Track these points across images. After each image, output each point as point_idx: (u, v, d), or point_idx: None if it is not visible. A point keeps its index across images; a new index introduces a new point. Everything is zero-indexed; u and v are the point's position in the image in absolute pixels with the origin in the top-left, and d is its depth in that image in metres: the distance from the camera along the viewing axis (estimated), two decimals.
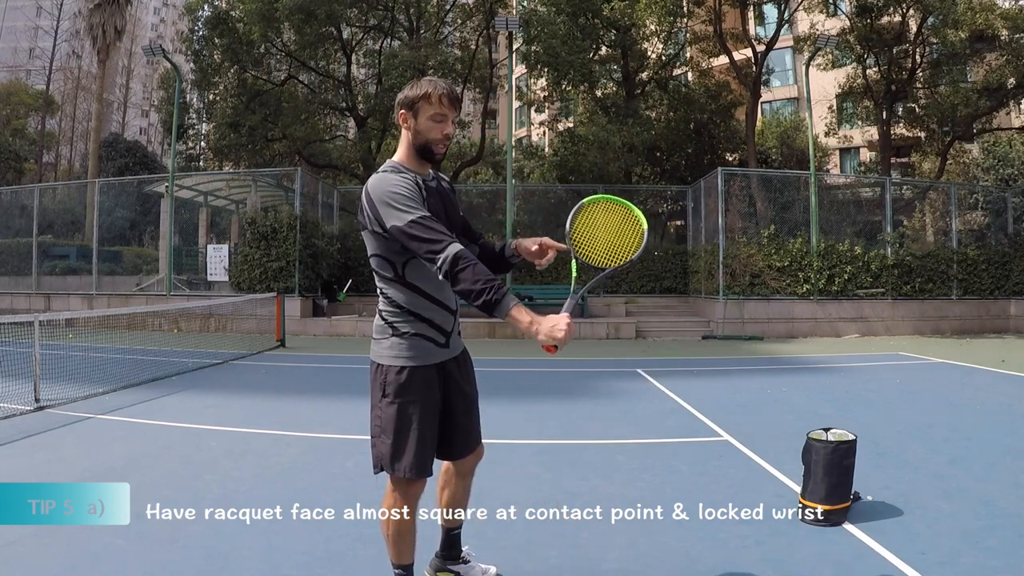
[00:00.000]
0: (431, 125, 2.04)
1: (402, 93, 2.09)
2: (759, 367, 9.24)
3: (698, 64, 21.95)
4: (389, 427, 2.06)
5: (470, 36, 21.52)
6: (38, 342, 5.93)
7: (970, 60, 19.10)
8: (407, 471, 2.03)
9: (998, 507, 3.29)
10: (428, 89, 2.03)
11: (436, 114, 2.03)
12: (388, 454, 2.06)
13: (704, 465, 4.12)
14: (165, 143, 36.99)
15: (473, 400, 2.26)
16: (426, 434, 2.06)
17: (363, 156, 20.69)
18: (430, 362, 2.09)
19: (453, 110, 2.06)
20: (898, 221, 16.25)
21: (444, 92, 2.03)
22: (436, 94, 2.02)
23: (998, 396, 6.75)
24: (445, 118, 2.04)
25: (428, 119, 2.03)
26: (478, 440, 2.30)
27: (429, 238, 1.87)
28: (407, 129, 2.07)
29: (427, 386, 2.08)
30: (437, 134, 2.04)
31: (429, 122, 2.03)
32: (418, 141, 2.06)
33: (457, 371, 2.20)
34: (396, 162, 2.09)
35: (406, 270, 2.05)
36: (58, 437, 4.76)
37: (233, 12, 19.82)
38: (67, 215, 20.54)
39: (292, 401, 6.45)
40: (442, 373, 2.14)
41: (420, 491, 2.13)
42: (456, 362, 2.20)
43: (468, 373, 2.26)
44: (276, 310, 11.60)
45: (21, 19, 47.81)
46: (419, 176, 2.06)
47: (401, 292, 2.07)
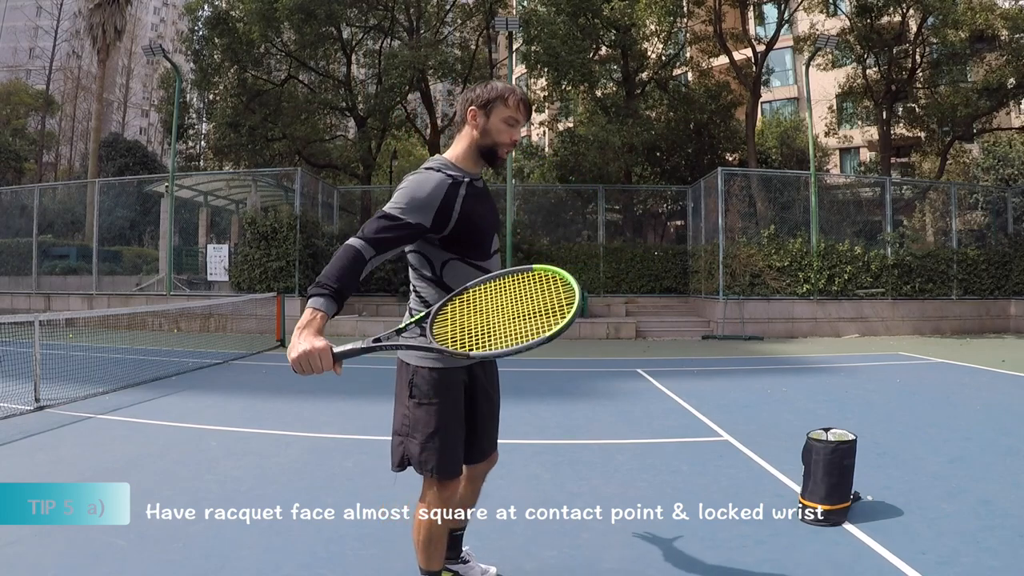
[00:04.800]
0: (502, 128, 2.03)
1: (474, 91, 2.07)
2: (759, 367, 9.24)
3: (698, 64, 21.95)
4: (418, 428, 2.04)
5: (470, 36, 21.53)
6: (38, 342, 5.93)
7: (970, 60, 19.09)
8: (436, 472, 2.02)
9: (998, 507, 3.29)
10: (504, 90, 2.03)
11: (510, 118, 2.02)
12: (417, 455, 2.04)
13: (704, 465, 4.12)
14: (165, 143, 37.03)
15: (497, 406, 2.26)
16: (455, 436, 2.06)
17: (363, 156, 20.68)
18: (458, 365, 2.05)
19: (526, 117, 2.06)
20: (898, 221, 16.25)
21: (522, 98, 2.03)
22: (514, 99, 2.02)
23: (998, 396, 6.75)
24: (517, 123, 2.04)
25: (501, 121, 2.02)
26: (494, 446, 2.29)
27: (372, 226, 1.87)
28: (474, 128, 2.04)
29: (456, 388, 2.06)
30: (506, 138, 2.03)
31: (501, 124, 2.02)
32: (485, 141, 2.03)
33: (484, 375, 2.18)
34: (447, 160, 2.05)
35: (444, 270, 2.02)
36: (58, 437, 4.76)
37: (233, 12, 19.80)
38: (67, 215, 20.54)
39: (292, 401, 6.45)
40: (470, 377, 2.13)
41: (454, 494, 2.10)
42: (483, 366, 2.18)
43: (494, 378, 2.24)
44: (276, 310, 11.60)
45: (21, 19, 47.82)
46: (470, 176, 2.03)
47: (436, 292, 2.03)
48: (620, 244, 17.76)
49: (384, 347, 1.71)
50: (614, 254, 17.12)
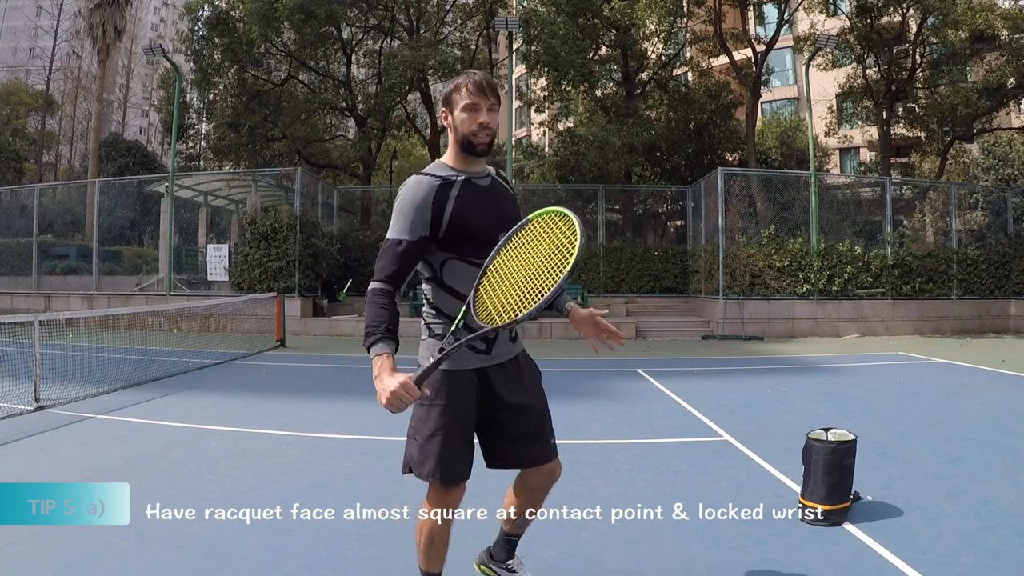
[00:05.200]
0: (463, 116, 1.98)
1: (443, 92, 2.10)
2: (759, 367, 9.24)
3: (698, 64, 21.94)
4: (419, 429, 2.01)
5: (470, 36, 21.53)
6: (38, 342, 5.93)
7: (970, 60, 19.09)
8: (431, 476, 1.98)
9: (998, 507, 3.29)
10: (459, 80, 2.01)
11: (467, 105, 1.97)
12: (416, 457, 2.01)
13: (704, 465, 4.12)
14: (165, 143, 37.01)
15: (524, 409, 2.10)
16: (453, 440, 1.98)
17: (363, 156, 20.68)
18: (466, 367, 2.00)
19: (484, 98, 1.97)
20: (898, 221, 16.25)
21: (475, 81, 1.99)
22: (467, 84, 1.98)
23: (998, 396, 6.75)
24: (478, 107, 1.97)
25: (461, 111, 1.98)
26: (545, 455, 2.15)
27: (380, 263, 1.93)
28: (449, 127, 2.04)
29: (460, 391, 2.00)
30: (471, 125, 1.98)
31: (463, 114, 1.98)
32: (458, 136, 2.01)
33: (502, 379, 2.07)
34: (442, 162, 2.06)
35: (443, 270, 2.01)
36: (58, 437, 4.76)
37: (233, 12, 19.81)
38: (67, 215, 20.53)
39: (292, 401, 6.45)
40: (483, 379, 2.04)
41: (455, 500, 2.06)
42: (502, 369, 2.08)
43: (517, 381, 2.11)
44: (276, 310, 11.60)
45: (21, 19, 47.82)
46: (466, 174, 2.02)
47: (438, 293, 2.03)
48: (620, 244, 17.76)
49: (449, 354, 1.77)
50: (614, 254, 17.12)
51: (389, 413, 1.74)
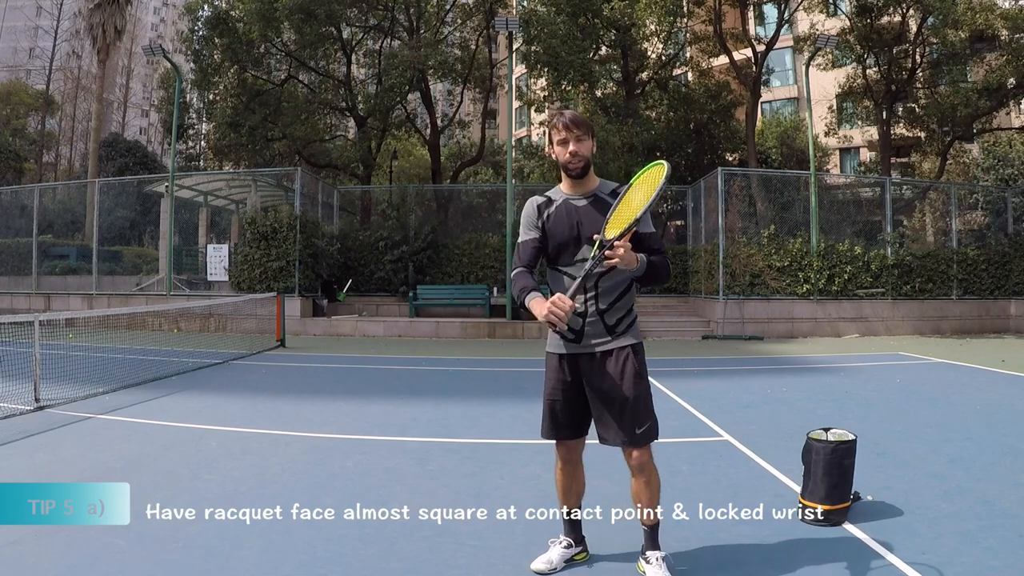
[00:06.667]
0: (558, 149, 2.47)
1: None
2: (759, 367, 9.24)
3: (698, 64, 21.94)
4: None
5: (470, 36, 21.51)
6: (38, 342, 5.93)
7: (970, 60, 19.08)
8: (541, 432, 2.59)
9: (998, 507, 3.29)
10: (553, 120, 2.48)
11: (559, 139, 2.44)
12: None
13: (704, 465, 4.12)
14: (165, 143, 37.04)
15: (605, 396, 2.45)
16: (551, 407, 2.53)
17: (363, 156, 20.67)
18: (559, 351, 2.52)
19: (569, 132, 2.41)
20: (898, 221, 16.25)
21: (560, 119, 2.44)
22: (554, 123, 2.46)
23: (998, 396, 6.74)
24: (565, 141, 2.43)
25: (556, 144, 2.46)
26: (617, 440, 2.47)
27: (517, 256, 2.51)
28: (552, 155, 2.58)
29: (554, 369, 2.53)
30: (564, 156, 2.45)
31: (557, 147, 2.46)
32: (559, 164, 2.49)
33: (590, 366, 2.47)
34: (557, 187, 2.57)
35: (548, 276, 2.57)
36: (58, 437, 4.76)
37: (233, 12, 19.80)
38: (67, 215, 20.55)
39: (292, 401, 6.45)
40: (572, 364, 2.50)
41: (564, 453, 2.58)
42: (592, 358, 2.47)
43: (604, 371, 2.45)
44: (276, 310, 11.60)
45: (21, 19, 47.82)
46: (568, 196, 2.50)
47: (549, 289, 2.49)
48: None
49: (590, 272, 2.24)
50: None
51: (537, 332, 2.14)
